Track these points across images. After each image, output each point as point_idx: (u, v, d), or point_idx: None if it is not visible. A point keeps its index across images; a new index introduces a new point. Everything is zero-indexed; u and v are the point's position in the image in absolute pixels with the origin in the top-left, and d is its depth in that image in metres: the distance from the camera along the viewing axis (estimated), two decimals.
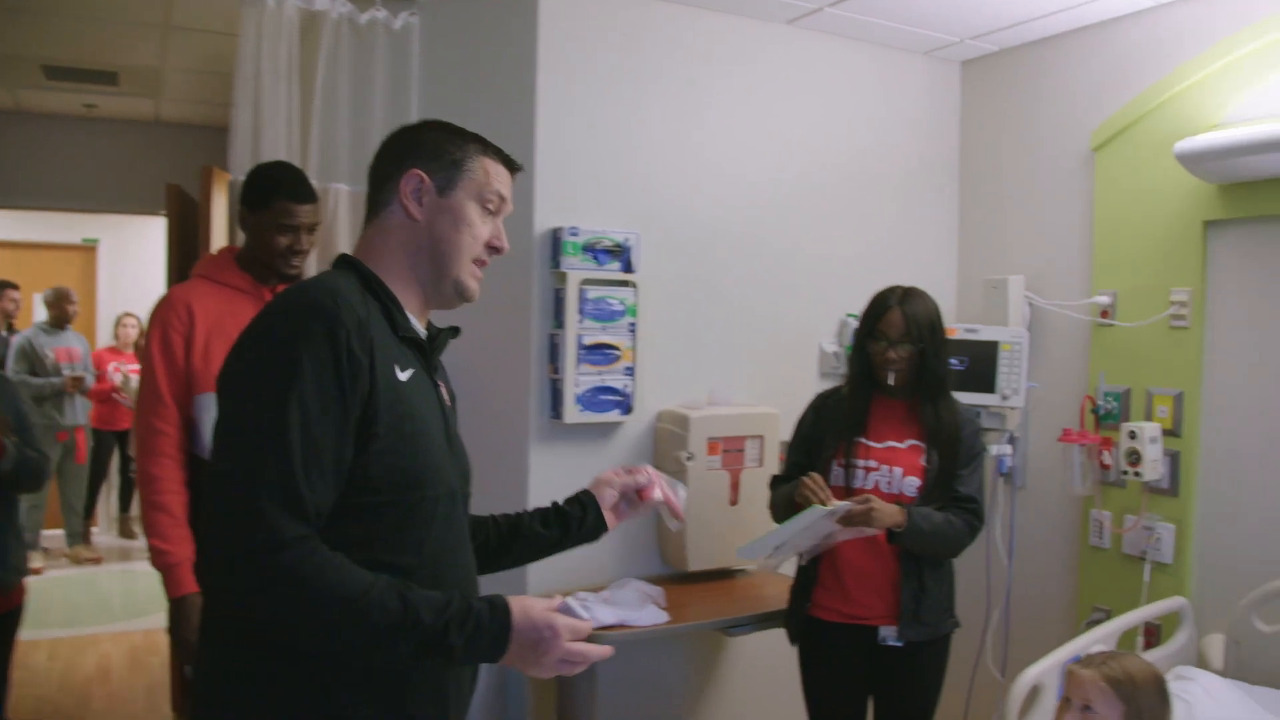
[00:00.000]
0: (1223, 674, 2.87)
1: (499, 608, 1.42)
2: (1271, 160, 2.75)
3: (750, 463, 3.19)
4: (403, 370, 1.49)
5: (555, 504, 1.88)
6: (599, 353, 3.06)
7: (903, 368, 2.62)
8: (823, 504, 2.43)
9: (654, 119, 3.23)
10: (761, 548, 2.51)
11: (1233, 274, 3.01)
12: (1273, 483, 2.91)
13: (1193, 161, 2.90)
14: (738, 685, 3.44)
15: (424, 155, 1.58)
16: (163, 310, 2.53)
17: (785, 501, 2.63)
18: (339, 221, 3.07)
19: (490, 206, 1.61)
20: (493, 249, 1.63)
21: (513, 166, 1.67)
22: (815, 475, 2.53)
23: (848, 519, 2.43)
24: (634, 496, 1.90)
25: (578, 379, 3.03)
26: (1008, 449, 3.37)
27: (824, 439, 2.68)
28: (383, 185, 1.60)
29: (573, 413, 3.03)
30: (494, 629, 1.40)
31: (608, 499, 1.87)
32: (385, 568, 1.42)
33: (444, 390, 1.66)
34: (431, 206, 1.57)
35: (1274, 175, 2.82)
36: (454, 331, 1.68)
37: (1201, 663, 2.98)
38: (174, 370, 2.48)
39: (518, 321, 3.07)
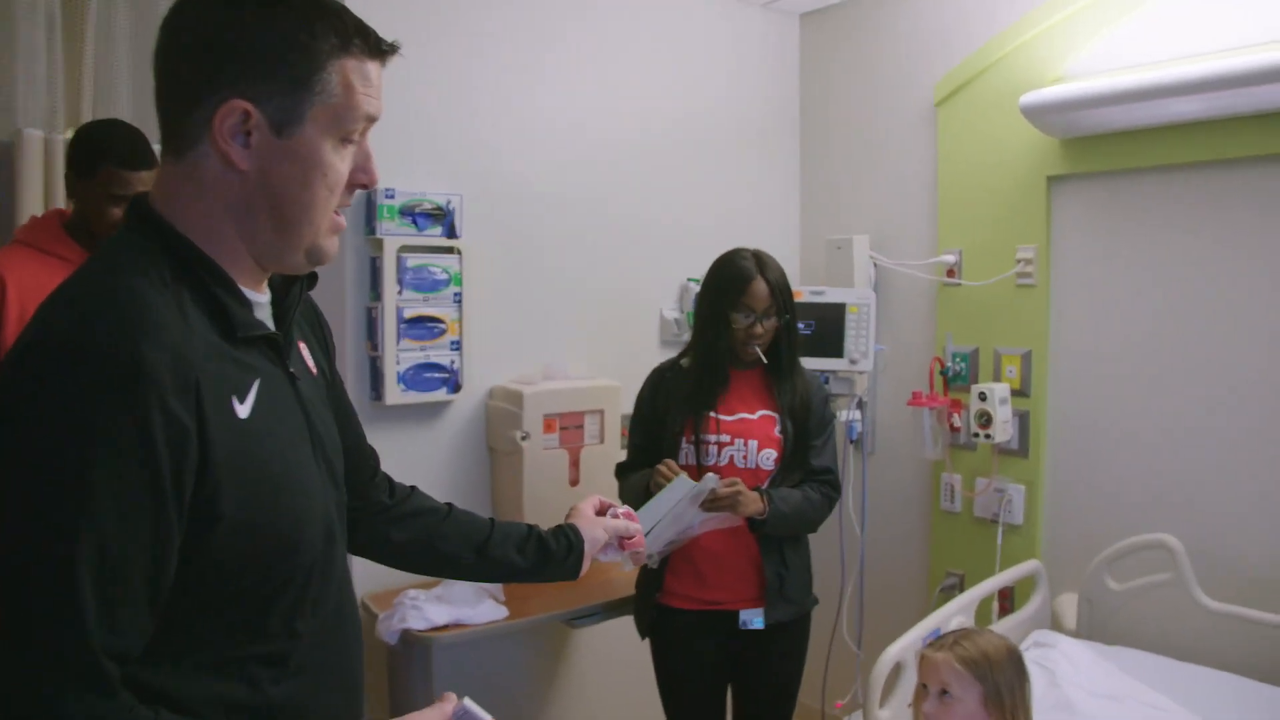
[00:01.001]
0: (1075, 634, 2.84)
1: None
2: (1112, 114, 2.69)
3: (590, 440, 2.98)
4: (243, 400, 1.05)
5: (535, 530, 1.61)
6: (421, 326, 2.78)
7: (768, 340, 2.44)
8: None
9: (478, 72, 2.95)
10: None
11: (1077, 230, 2.95)
12: (1120, 439, 2.88)
13: (1037, 115, 2.82)
14: (587, 680, 3.23)
15: (250, 67, 1.03)
16: None
17: (639, 492, 2.41)
18: None
19: (354, 138, 1.11)
20: (358, 186, 1.14)
21: (385, 52, 1.13)
22: (669, 462, 2.34)
23: (713, 502, 2.25)
24: (615, 542, 1.69)
25: (399, 356, 2.75)
26: (857, 415, 3.25)
27: (667, 416, 2.48)
28: (185, 108, 1.05)
29: (395, 393, 2.75)
30: None
31: (596, 542, 1.64)
32: (248, 662, 1.08)
33: (306, 359, 1.26)
34: (265, 152, 1.06)
35: (1115, 129, 2.76)
36: (311, 281, 1.23)
37: (1055, 624, 2.94)
38: None
39: (330, 294, 2.75)
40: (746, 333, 2.41)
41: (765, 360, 2.45)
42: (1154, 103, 2.59)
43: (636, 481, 2.42)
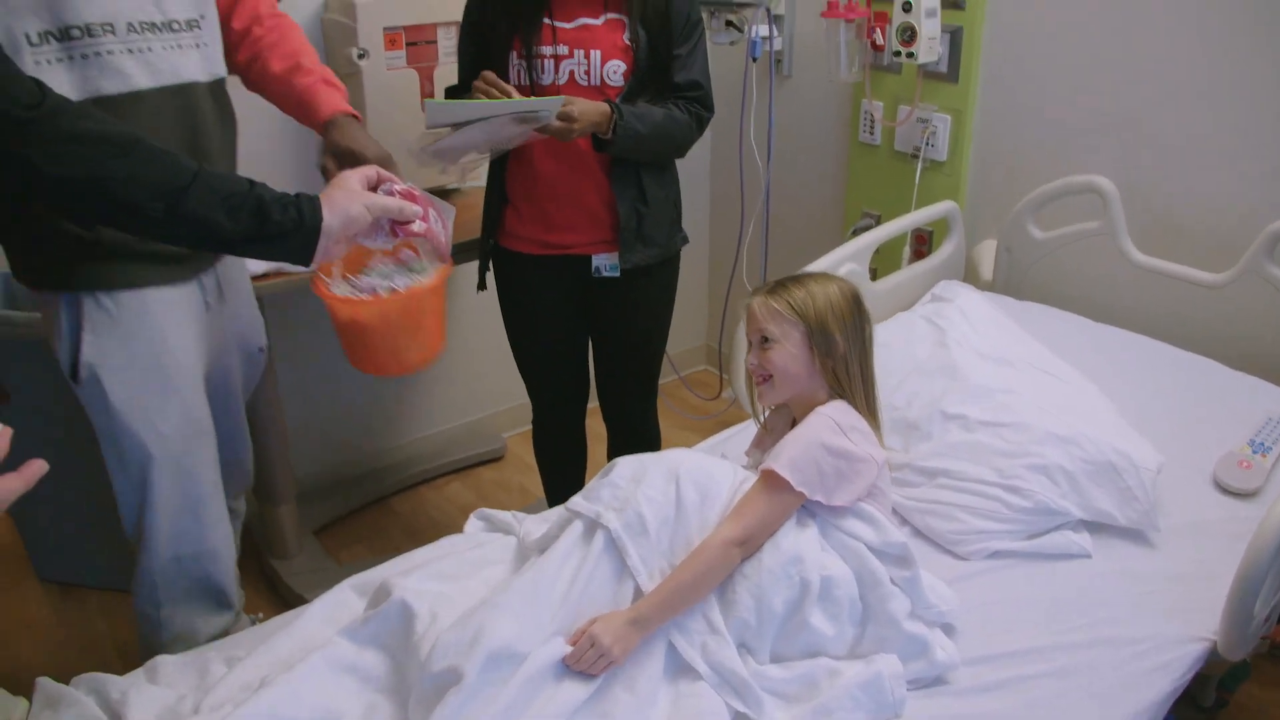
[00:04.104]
0: (990, 286, 2.57)
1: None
2: None
3: (446, 58, 2.54)
4: None
5: (258, 189, 1.28)
6: None
7: None
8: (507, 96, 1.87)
9: None
10: (446, 114, 1.88)
11: None
12: (1064, 68, 2.43)
13: None
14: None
15: None
16: None
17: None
18: None
19: None
20: None
21: None
22: (489, 75, 1.93)
23: (543, 129, 1.89)
24: (386, 225, 1.33)
25: None
26: (764, 29, 2.78)
27: (496, 24, 2.05)
28: None
29: None
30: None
31: (352, 221, 1.30)
32: None
33: None
34: None
35: None
36: None
37: (970, 274, 2.66)
38: None
39: None
40: None
41: None
42: None
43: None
